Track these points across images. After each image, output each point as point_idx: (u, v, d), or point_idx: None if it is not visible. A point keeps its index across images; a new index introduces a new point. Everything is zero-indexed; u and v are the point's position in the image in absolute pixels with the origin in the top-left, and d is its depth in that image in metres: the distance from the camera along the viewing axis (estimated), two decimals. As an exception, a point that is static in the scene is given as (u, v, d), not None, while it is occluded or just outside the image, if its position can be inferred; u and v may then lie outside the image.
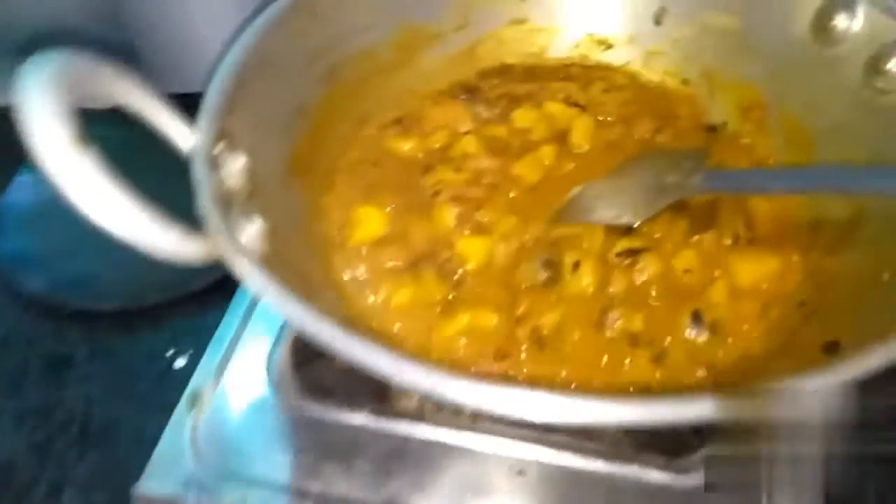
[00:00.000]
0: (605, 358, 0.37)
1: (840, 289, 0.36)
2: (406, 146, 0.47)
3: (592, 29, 0.52)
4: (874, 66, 0.40)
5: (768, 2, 0.45)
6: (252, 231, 0.32)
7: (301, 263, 0.37)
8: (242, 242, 0.31)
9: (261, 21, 0.41)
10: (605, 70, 0.52)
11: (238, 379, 0.42)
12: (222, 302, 0.46)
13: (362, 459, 0.38)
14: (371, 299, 0.39)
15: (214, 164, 0.34)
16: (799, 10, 0.43)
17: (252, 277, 0.28)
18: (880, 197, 0.36)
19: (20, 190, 0.62)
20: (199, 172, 0.32)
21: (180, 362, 0.51)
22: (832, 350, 0.31)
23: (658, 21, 0.50)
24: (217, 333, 0.44)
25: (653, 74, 0.51)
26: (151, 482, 0.38)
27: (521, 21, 0.52)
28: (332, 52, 0.45)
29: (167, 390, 0.46)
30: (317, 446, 0.38)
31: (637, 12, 0.50)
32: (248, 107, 0.38)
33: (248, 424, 0.40)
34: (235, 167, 0.35)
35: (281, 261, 0.33)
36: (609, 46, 0.52)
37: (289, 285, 0.30)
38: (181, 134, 0.34)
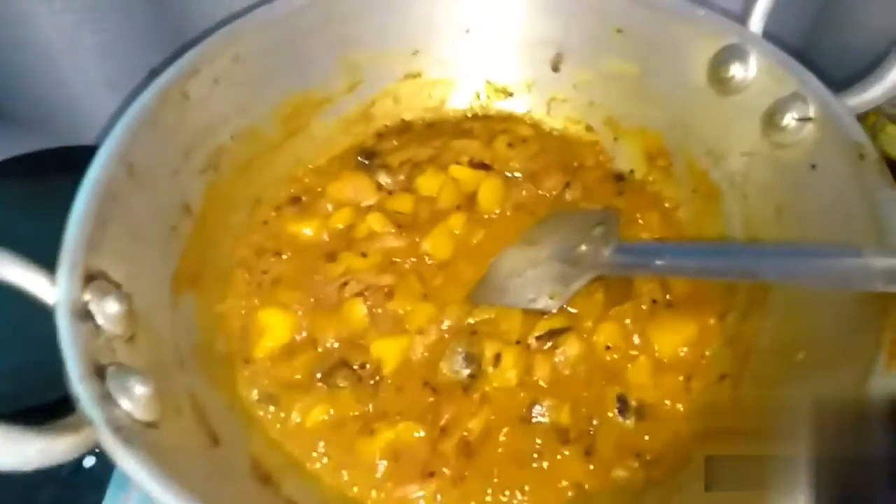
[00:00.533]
0: (536, 457, 0.35)
1: (759, 363, 0.35)
2: (307, 229, 0.44)
3: (490, 77, 0.50)
4: (770, 119, 0.40)
5: (664, 48, 0.44)
6: (136, 396, 0.29)
7: (201, 397, 0.34)
8: (125, 412, 0.28)
9: (126, 121, 0.36)
10: (507, 121, 0.50)
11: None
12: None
13: None
14: (282, 421, 0.36)
15: (85, 315, 0.30)
16: (695, 58, 0.43)
17: (136, 473, 0.25)
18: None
19: None
20: (66, 335, 0.28)
21: (89, 461, 0.47)
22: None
23: (556, 67, 0.48)
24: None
25: (556, 122, 0.50)
26: None
27: (415, 75, 0.49)
28: (210, 139, 0.41)
29: (79, 491, 0.42)
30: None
31: (534, 58, 0.48)
32: (120, 228, 0.34)
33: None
34: (110, 311, 0.31)
35: (170, 423, 0.30)
36: (509, 94, 0.50)
37: (183, 459, 0.27)
38: (43, 286, 0.30)
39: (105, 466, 0.40)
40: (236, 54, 0.41)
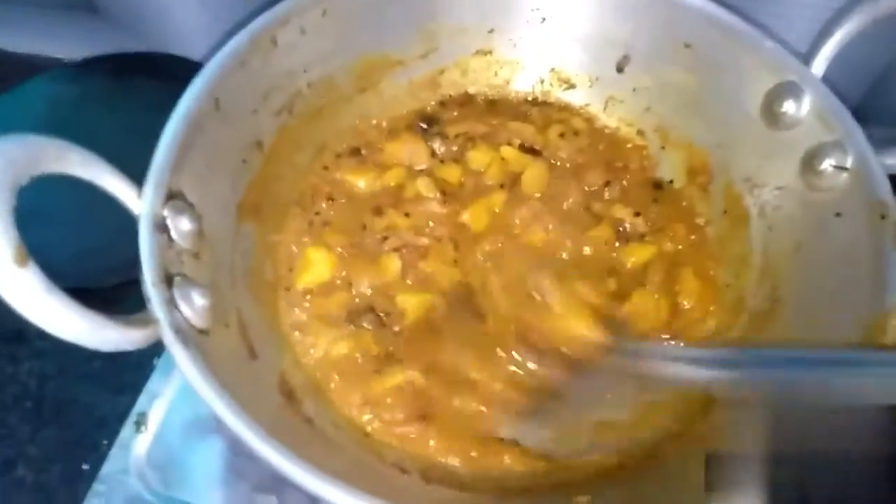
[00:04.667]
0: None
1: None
2: (361, 181, 0.48)
3: (556, 66, 0.52)
4: (810, 161, 0.41)
5: (726, 71, 0.46)
6: (195, 306, 0.34)
7: (246, 314, 0.39)
8: (184, 318, 0.33)
9: (218, 60, 0.40)
10: (564, 111, 0.52)
11: (184, 403, 0.44)
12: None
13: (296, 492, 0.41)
14: (310, 347, 0.41)
15: (162, 228, 0.34)
16: (753, 86, 0.44)
17: (190, 372, 0.30)
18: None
19: None
20: (145, 244, 0.33)
21: None
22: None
23: (621, 68, 0.50)
24: (164, 357, 0.45)
25: (610, 120, 0.52)
26: (96, 500, 0.41)
27: (486, 52, 0.52)
28: (289, 84, 0.45)
29: (120, 372, 0.48)
30: (253, 478, 0.41)
31: (601, 56, 0.50)
32: (200, 155, 0.38)
33: (191, 449, 0.43)
34: (183, 228, 0.36)
35: (218, 333, 0.34)
36: (571, 86, 0.53)
37: (225, 366, 0.32)
38: (130, 197, 0.34)
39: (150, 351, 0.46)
40: (326, 9, 0.45)
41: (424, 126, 0.51)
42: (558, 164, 0.49)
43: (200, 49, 0.63)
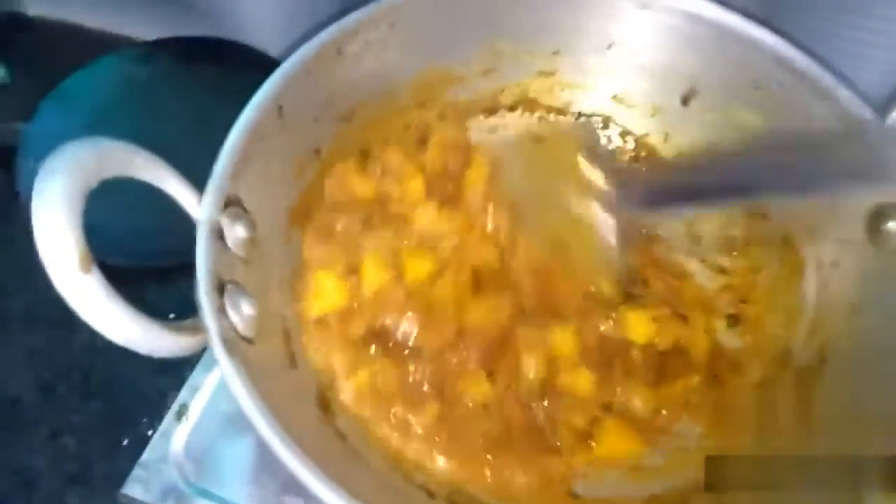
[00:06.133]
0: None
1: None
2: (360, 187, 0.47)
3: (620, 93, 0.51)
4: (876, 217, 0.40)
5: (793, 114, 0.44)
6: (244, 314, 0.35)
7: (290, 323, 0.40)
8: (233, 326, 0.34)
9: (284, 69, 0.41)
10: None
11: (224, 397, 0.46)
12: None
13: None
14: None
15: (218, 235, 0.35)
16: (819, 127, 0.43)
17: (233, 383, 0.31)
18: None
19: (47, 119, 0.62)
20: (202, 251, 0.34)
21: None
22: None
23: (685, 101, 0.49)
24: (208, 351, 0.47)
25: (669, 152, 0.51)
26: (135, 486, 0.43)
27: (549, 73, 0.51)
28: (351, 94, 0.46)
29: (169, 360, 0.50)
30: (283, 477, 0.42)
31: (666, 87, 0.49)
32: (260, 162, 0.39)
33: (227, 444, 0.44)
34: (239, 235, 0.37)
35: (263, 341, 0.35)
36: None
37: (267, 375, 0.33)
38: (190, 202, 0.36)
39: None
40: (394, 22, 0.45)
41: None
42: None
43: (270, 39, 0.65)
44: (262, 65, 0.66)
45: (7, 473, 0.47)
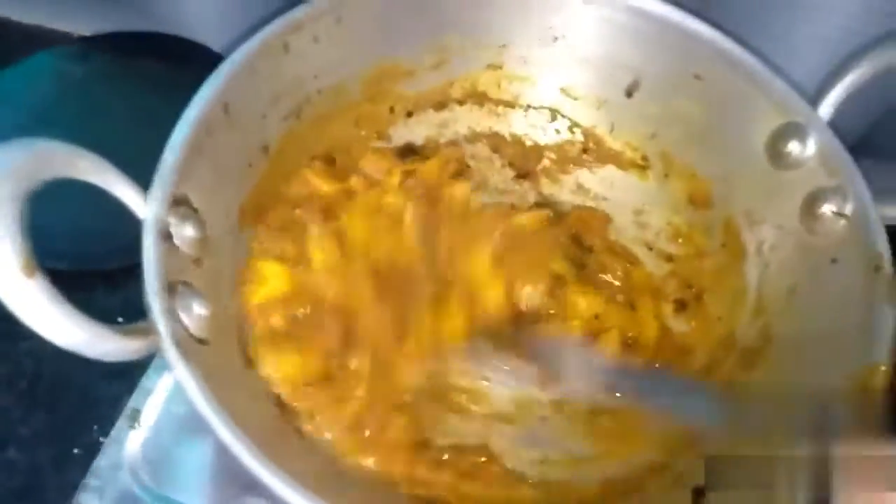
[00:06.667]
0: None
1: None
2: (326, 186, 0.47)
3: (565, 85, 0.52)
4: (810, 203, 0.42)
5: (735, 105, 0.46)
6: (195, 315, 0.34)
7: (241, 323, 0.39)
8: (184, 328, 0.33)
9: (228, 65, 0.40)
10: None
11: (178, 400, 0.45)
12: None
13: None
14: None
15: (166, 235, 0.35)
16: (760, 122, 0.45)
17: (188, 385, 0.31)
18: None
19: None
20: (149, 252, 0.33)
21: None
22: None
23: (629, 93, 0.50)
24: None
25: (615, 144, 0.52)
26: (88, 495, 0.41)
27: (497, 66, 0.52)
28: (299, 90, 0.45)
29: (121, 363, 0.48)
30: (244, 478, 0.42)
31: (611, 79, 0.50)
32: (207, 160, 0.38)
33: (183, 447, 0.43)
34: (188, 235, 0.36)
35: (216, 341, 0.35)
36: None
37: (222, 376, 0.32)
38: (137, 203, 0.35)
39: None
40: (340, 17, 0.44)
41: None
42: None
43: (211, 33, 0.63)
44: (204, 60, 0.64)
45: (-53, 492, 0.45)
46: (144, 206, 0.35)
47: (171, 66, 0.65)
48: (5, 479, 0.45)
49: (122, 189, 0.35)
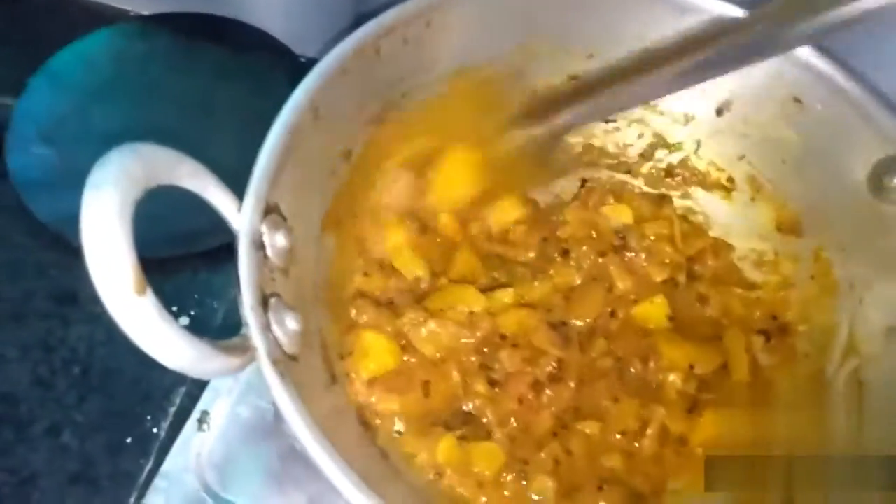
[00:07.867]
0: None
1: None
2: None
3: (653, 100, 0.50)
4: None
5: (834, 132, 0.44)
6: (288, 330, 0.33)
7: (325, 334, 0.39)
8: (278, 343, 0.32)
9: (321, 68, 0.39)
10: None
11: (247, 404, 0.44)
12: (230, 264, 0.47)
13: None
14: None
15: (259, 245, 0.34)
16: (861, 152, 0.43)
17: (284, 405, 0.30)
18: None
19: (37, 95, 0.59)
20: (244, 264, 0.32)
21: (183, 321, 0.52)
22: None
23: (720, 111, 0.49)
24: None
25: (700, 163, 0.51)
26: (156, 496, 0.41)
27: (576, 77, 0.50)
28: (385, 94, 0.44)
29: None
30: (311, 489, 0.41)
31: (702, 95, 0.48)
32: (296, 166, 0.37)
33: (250, 452, 0.43)
34: (279, 244, 0.35)
35: (305, 357, 0.34)
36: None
37: (311, 393, 0.31)
38: (231, 210, 0.34)
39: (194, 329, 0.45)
40: (430, 20, 0.43)
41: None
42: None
43: (275, 21, 0.62)
44: (268, 47, 0.63)
45: (4, 473, 0.45)
46: (238, 214, 0.34)
47: (231, 51, 0.64)
48: (61, 464, 0.45)
49: (219, 196, 0.34)
